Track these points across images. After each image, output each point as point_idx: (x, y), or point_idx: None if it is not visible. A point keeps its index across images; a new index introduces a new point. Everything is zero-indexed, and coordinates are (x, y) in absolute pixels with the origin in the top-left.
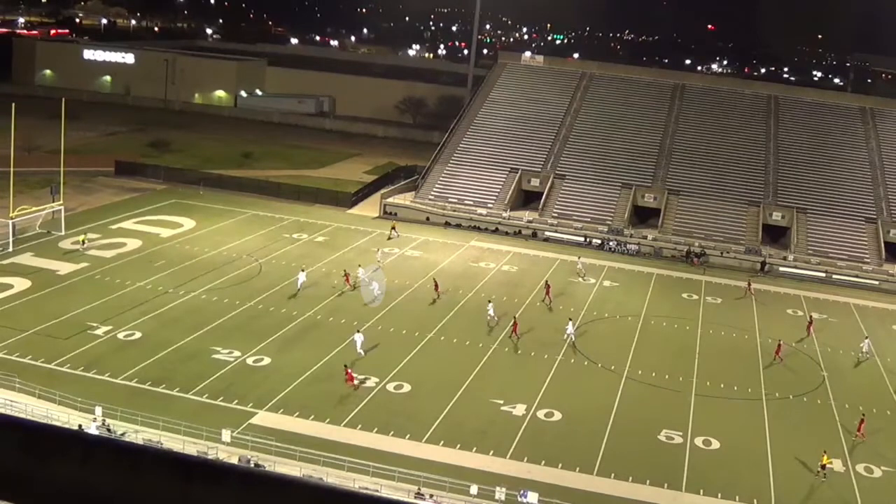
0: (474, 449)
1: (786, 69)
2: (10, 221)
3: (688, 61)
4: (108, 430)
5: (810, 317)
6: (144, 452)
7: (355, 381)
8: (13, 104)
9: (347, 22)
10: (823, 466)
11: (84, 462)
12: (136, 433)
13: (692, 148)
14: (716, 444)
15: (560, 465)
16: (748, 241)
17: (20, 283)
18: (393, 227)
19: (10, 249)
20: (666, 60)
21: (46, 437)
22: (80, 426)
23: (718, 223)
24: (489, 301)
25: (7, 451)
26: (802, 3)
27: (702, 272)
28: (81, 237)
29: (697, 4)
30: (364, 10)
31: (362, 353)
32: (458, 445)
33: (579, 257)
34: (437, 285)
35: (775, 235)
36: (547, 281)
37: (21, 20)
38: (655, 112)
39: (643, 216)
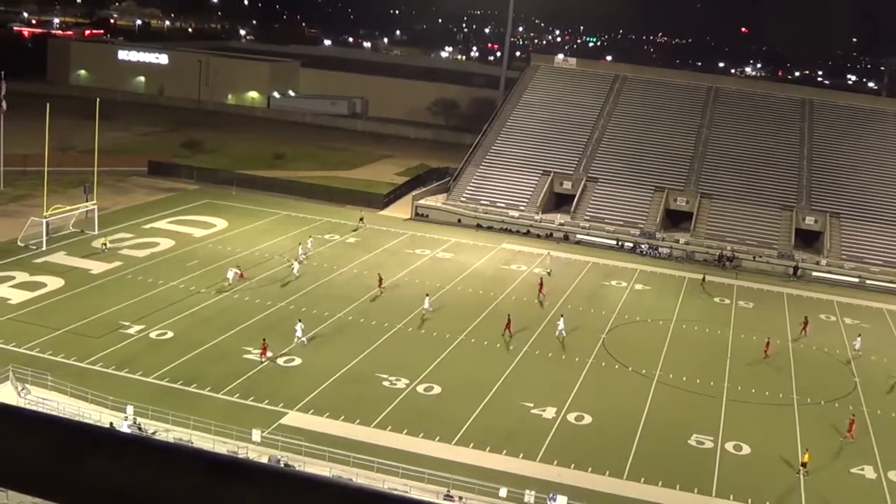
0: (504, 451)
1: (820, 73)
2: (44, 220)
3: (721, 64)
4: (140, 428)
5: (805, 318)
6: (176, 451)
7: (269, 354)
8: (48, 104)
9: (380, 23)
10: (804, 464)
11: (115, 460)
12: (167, 432)
13: (725, 151)
14: (746, 450)
15: (590, 469)
16: (781, 246)
17: (53, 282)
18: (361, 219)
19: (44, 248)
20: (699, 63)
21: (78, 435)
22: (111, 424)
23: (751, 227)
24: (426, 294)
25: (39, 449)
26: (837, 6)
27: (734, 276)
28: (102, 240)
29: (731, 7)
30: (397, 12)
31: (304, 340)
32: (488, 448)
33: (549, 252)
34: (380, 280)
35: (808, 240)
36: (541, 277)
37: (56, 21)
38: (688, 115)
39: (675, 220)
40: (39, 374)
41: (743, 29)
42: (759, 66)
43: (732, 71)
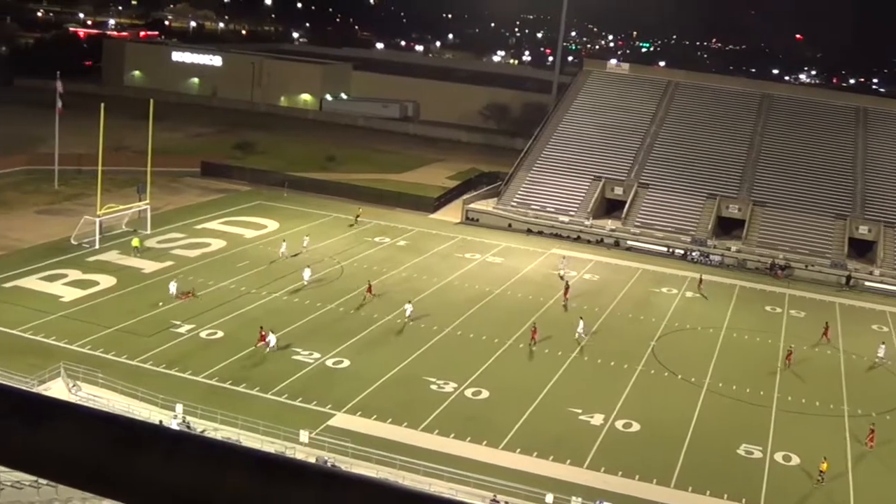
0: (551, 457)
1: (875, 80)
2: (97, 219)
3: (775, 71)
4: (188, 427)
5: (826, 323)
6: (229, 450)
7: (269, 341)
8: (102, 104)
9: (432, 27)
10: (822, 473)
11: (169, 457)
12: (216, 431)
13: (778, 159)
14: (796, 460)
15: (637, 477)
16: (834, 255)
17: (106, 281)
18: (357, 216)
19: (97, 247)
20: (753, 70)
21: (131, 432)
22: (160, 422)
23: (804, 236)
24: (409, 301)
25: (93, 445)
26: (893, 13)
27: (786, 285)
28: (134, 241)
29: (785, 14)
30: (449, 16)
31: (274, 349)
32: (535, 453)
33: (564, 257)
34: (370, 288)
35: (861, 249)
36: (567, 281)
37: (112, 22)
38: (742, 122)
39: (727, 227)
40: (91, 372)
41: (797, 36)
42: (813, 73)
43: (786, 78)
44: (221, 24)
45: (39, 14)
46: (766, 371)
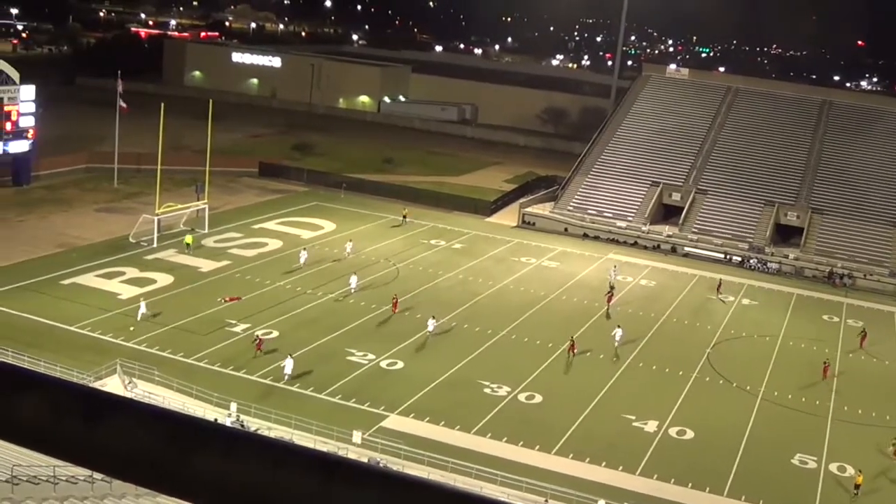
0: (603, 463)
1: None
2: (156, 218)
3: (836, 77)
4: (242, 425)
5: (864, 330)
6: (287, 449)
7: (262, 348)
8: (162, 104)
9: (492, 30)
10: (857, 486)
11: (226, 455)
12: (269, 430)
13: (838, 166)
14: (851, 471)
15: (690, 484)
16: (892, 264)
17: (163, 279)
18: (404, 216)
19: (155, 245)
20: (813, 76)
21: (191, 429)
22: (215, 420)
23: (862, 244)
24: (433, 316)
25: (152, 442)
26: None
27: (843, 294)
28: (187, 239)
29: (847, 20)
30: (508, 19)
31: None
32: (588, 459)
33: (615, 266)
34: (395, 303)
35: None
36: (611, 289)
37: (173, 22)
38: (801, 128)
39: (785, 234)
40: (146, 369)
41: (859, 42)
42: (874, 79)
43: (847, 84)
44: (281, 26)
45: (101, 14)
46: (821, 380)
